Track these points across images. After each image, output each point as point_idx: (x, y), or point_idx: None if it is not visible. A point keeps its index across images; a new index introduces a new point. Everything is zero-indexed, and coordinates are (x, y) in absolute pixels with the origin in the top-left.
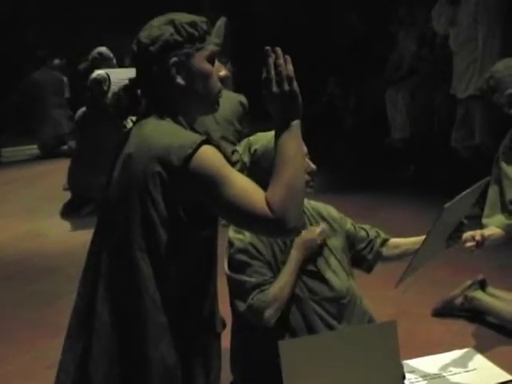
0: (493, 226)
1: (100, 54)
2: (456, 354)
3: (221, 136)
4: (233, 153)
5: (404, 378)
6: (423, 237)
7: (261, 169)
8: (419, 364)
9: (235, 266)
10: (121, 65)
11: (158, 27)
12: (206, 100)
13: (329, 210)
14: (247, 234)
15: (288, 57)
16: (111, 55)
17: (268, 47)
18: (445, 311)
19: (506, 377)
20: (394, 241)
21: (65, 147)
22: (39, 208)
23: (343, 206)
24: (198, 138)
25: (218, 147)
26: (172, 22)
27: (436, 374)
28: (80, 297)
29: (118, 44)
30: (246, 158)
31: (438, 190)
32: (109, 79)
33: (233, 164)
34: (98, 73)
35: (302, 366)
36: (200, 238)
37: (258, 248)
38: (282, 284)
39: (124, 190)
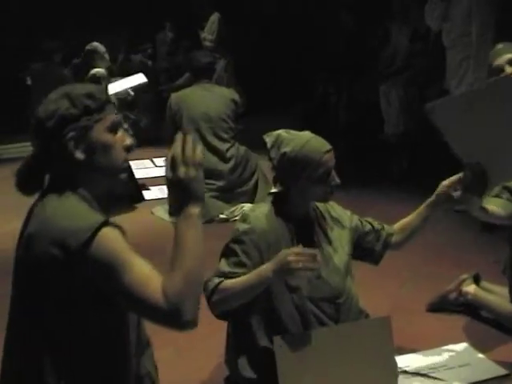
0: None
1: (93, 49)
2: (451, 348)
3: (213, 133)
4: (227, 150)
5: (398, 372)
6: (422, 207)
7: (286, 172)
8: (414, 359)
9: (225, 250)
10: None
11: (54, 101)
12: (109, 172)
13: (334, 208)
14: (256, 227)
15: (199, 144)
16: (104, 50)
17: (182, 131)
18: (439, 306)
19: (501, 371)
20: (397, 226)
21: None
22: None
23: (337, 201)
24: (96, 220)
25: (119, 227)
26: (67, 95)
27: (431, 369)
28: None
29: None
30: (273, 155)
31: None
32: (108, 78)
33: (227, 160)
34: (98, 70)
35: (297, 361)
36: (102, 325)
37: (258, 247)
38: (237, 280)
39: (25, 269)
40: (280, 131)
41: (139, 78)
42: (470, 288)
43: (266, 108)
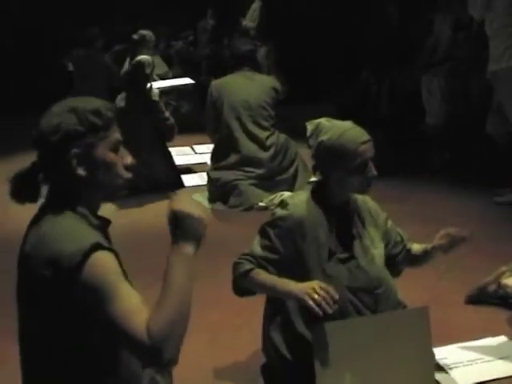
0: None
1: (142, 36)
2: (489, 341)
3: (253, 121)
4: (267, 138)
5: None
6: (431, 245)
7: (324, 161)
8: (451, 351)
9: (261, 230)
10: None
11: (58, 115)
12: (109, 189)
13: (372, 206)
14: (294, 214)
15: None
16: (153, 38)
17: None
18: (478, 298)
19: None
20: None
21: None
22: None
23: (377, 190)
24: (90, 242)
25: (112, 250)
26: (74, 111)
27: (469, 361)
28: None
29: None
30: (312, 142)
31: (473, 177)
32: (153, 65)
33: (267, 148)
34: (143, 56)
35: (333, 348)
36: (92, 347)
37: (293, 235)
38: (266, 278)
39: (22, 287)
40: (321, 119)
41: (187, 80)
42: (510, 280)
43: (309, 97)
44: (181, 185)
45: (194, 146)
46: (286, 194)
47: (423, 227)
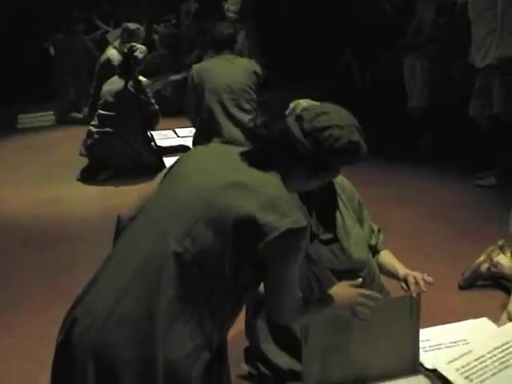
0: None
1: (132, 31)
2: (471, 323)
3: (236, 104)
4: (249, 122)
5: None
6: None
7: None
8: (434, 333)
9: None
10: None
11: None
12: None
13: (343, 182)
14: None
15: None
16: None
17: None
18: (473, 281)
19: None
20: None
21: (80, 115)
22: (56, 174)
23: (360, 174)
24: (294, 220)
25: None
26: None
27: (451, 343)
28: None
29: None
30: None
31: (456, 160)
32: (146, 53)
33: (250, 132)
34: (140, 46)
35: (320, 334)
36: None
37: None
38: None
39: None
40: (301, 100)
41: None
42: (501, 257)
43: (291, 80)
44: (162, 168)
45: (177, 130)
46: None
47: (406, 211)
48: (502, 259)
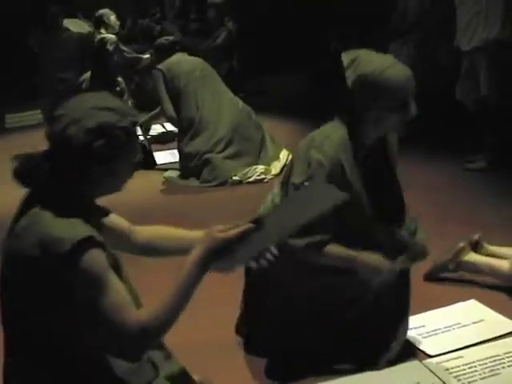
0: None
1: (100, 15)
2: (461, 306)
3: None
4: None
5: None
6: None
7: (360, 95)
8: (428, 319)
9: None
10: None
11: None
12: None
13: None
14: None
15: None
16: (113, 16)
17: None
18: (436, 275)
19: None
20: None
21: None
22: None
23: None
24: (81, 233)
25: (102, 244)
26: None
27: (446, 327)
28: None
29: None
30: (349, 75)
31: (444, 144)
32: (117, 43)
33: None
34: (107, 35)
35: None
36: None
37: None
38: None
39: (10, 267)
40: (360, 51)
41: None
42: (470, 256)
43: (277, 70)
44: (153, 163)
45: (165, 124)
46: (260, 167)
47: None
48: (471, 257)
